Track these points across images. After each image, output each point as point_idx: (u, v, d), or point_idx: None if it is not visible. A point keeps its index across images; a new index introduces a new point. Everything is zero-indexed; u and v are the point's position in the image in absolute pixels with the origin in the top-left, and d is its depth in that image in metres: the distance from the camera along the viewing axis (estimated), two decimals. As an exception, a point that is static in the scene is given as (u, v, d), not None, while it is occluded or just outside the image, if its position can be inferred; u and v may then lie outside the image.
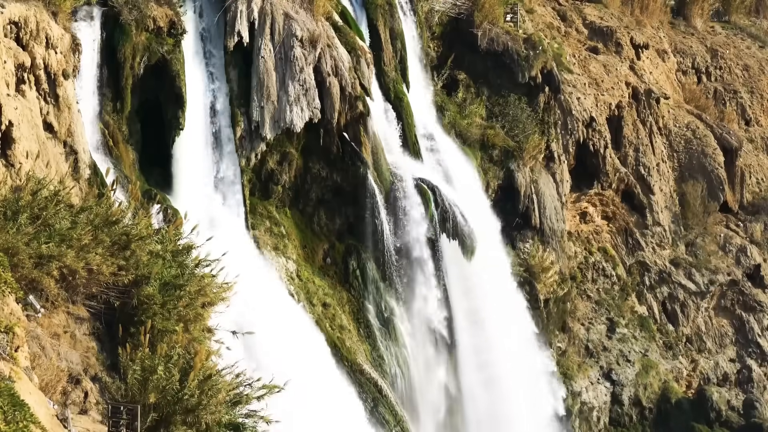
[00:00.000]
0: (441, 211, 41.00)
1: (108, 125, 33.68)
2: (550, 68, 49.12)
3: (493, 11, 48.71)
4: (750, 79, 64.81)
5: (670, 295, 54.03)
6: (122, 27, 33.83)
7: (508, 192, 46.84)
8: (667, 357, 52.19)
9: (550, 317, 48.01)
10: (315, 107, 37.81)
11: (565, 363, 48.44)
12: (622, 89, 54.26)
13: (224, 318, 23.78)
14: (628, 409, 50.01)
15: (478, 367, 41.94)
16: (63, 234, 21.08)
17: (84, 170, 30.20)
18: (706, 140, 57.52)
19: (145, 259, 22.22)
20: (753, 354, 54.76)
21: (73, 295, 21.58)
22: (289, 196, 39.24)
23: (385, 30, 43.22)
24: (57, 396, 19.07)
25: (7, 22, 27.77)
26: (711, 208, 56.73)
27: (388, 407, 37.58)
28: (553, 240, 48.18)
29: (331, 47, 38.78)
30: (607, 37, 57.42)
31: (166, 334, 21.14)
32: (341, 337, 37.91)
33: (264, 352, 29.71)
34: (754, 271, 56.57)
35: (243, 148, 37.14)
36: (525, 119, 47.93)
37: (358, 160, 39.19)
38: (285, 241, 38.37)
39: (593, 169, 52.29)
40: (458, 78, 48.75)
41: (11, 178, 25.40)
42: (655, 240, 54.42)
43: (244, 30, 36.85)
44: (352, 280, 39.71)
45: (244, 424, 20.80)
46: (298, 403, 27.32)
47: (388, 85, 42.86)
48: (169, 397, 19.56)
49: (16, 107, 26.87)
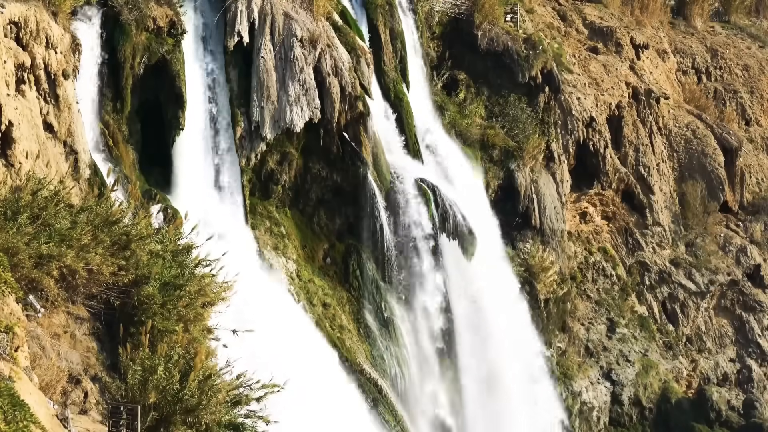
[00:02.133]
0: (441, 211, 41.00)
1: (108, 125, 33.67)
2: (550, 68, 49.12)
3: (493, 11, 48.71)
4: (750, 79, 64.80)
5: (670, 295, 54.02)
6: (122, 27, 33.83)
7: (508, 192, 46.84)
8: (667, 357, 52.19)
9: (550, 317, 48.00)
10: (315, 107, 37.81)
11: (565, 363, 48.44)
12: (622, 89, 54.27)
13: (224, 318, 23.77)
14: (628, 409, 50.00)
15: (478, 367, 41.94)
16: (63, 234, 21.07)
17: (84, 170, 30.20)
18: (706, 140, 57.52)
19: (145, 259, 22.21)
20: (753, 354, 54.76)
21: (73, 295, 21.57)
22: (289, 196, 39.24)
23: (385, 30, 43.23)
24: (57, 396, 19.07)
25: (7, 22, 27.76)
26: (711, 208, 56.73)
27: (388, 407, 37.58)
28: (553, 240, 48.19)
29: (331, 47, 38.79)
30: (607, 37, 57.42)
31: (166, 334, 21.13)
32: (341, 337, 37.91)
33: (263, 353, 29.67)
34: (754, 271, 56.57)
35: (243, 148, 37.14)
36: (525, 119, 47.93)
37: (358, 160, 39.20)
38: (285, 241, 38.37)
39: (593, 169, 52.28)
40: (458, 78, 48.75)
41: (11, 178, 25.39)
42: (655, 240, 54.43)
43: (244, 30, 36.85)
44: (352, 280, 39.71)
45: (244, 424, 20.80)
46: (298, 403, 27.32)
47: (388, 85, 42.87)
48: (169, 397, 19.56)
49: (16, 107, 26.87)
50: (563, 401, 47.02)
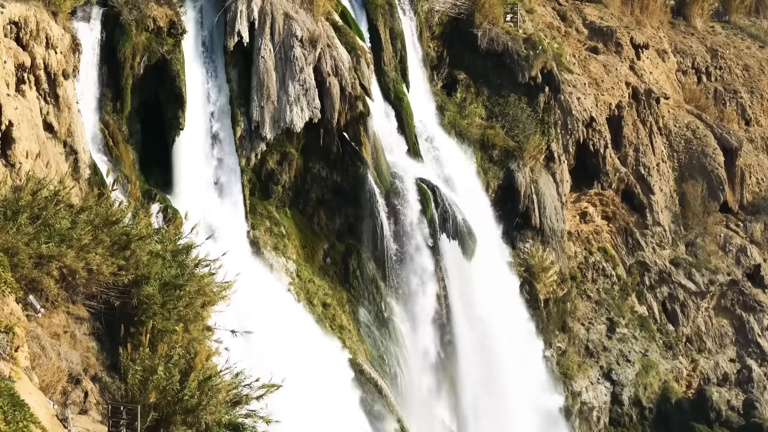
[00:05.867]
0: (441, 211, 41.00)
1: (108, 125, 33.68)
2: (550, 68, 49.12)
3: (493, 11, 48.70)
4: (750, 79, 64.79)
5: (670, 295, 54.02)
6: (122, 27, 33.83)
7: (508, 192, 46.83)
8: (667, 357, 52.19)
9: (550, 317, 48.00)
10: (315, 107, 37.82)
11: (565, 363, 48.44)
12: (622, 89, 54.26)
13: (224, 318, 23.78)
14: (628, 409, 50.01)
15: (478, 368, 41.95)
16: (63, 234, 21.06)
17: (84, 170, 30.21)
18: (706, 140, 57.52)
19: (145, 259, 22.20)
20: (753, 354, 54.76)
21: (73, 295, 21.57)
22: (289, 196, 39.24)
23: (385, 30, 43.24)
24: (57, 396, 19.07)
25: (7, 22, 27.77)
26: (711, 208, 56.72)
27: (388, 407, 37.58)
28: (553, 240, 48.18)
29: (331, 47, 38.80)
30: (607, 37, 57.41)
31: (166, 334, 21.12)
32: (341, 337, 37.91)
33: (263, 353, 29.69)
34: (754, 271, 56.56)
35: (243, 148, 37.15)
36: (525, 119, 47.92)
37: (358, 160, 39.21)
38: (285, 241, 38.37)
39: (593, 169, 52.28)
40: (458, 78, 48.75)
41: (11, 178, 25.41)
42: (655, 240, 54.42)
43: (244, 30, 36.86)
44: (352, 280, 39.71)
45: (244, 424, 20.80)
46: (298, 403, 27.33)
47: (388, 85, 42.87)
48: (169, 398, 19.55)
49: (16, 107, 26.88)
50: (564, 400, 47.01)
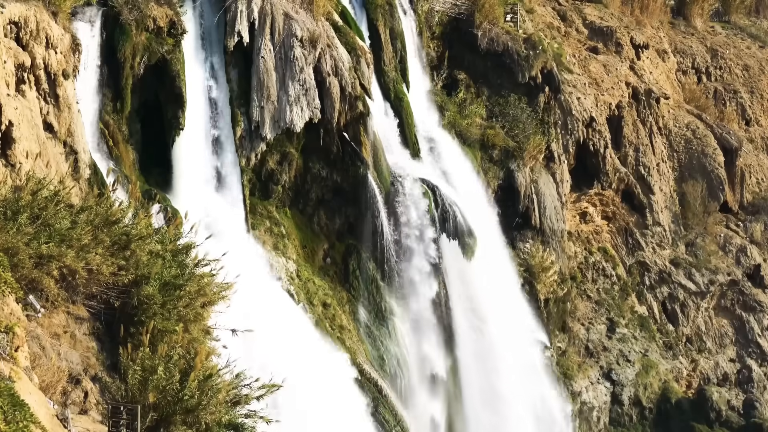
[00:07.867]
0: (441, 211, 41.01)
1: (108, 125, 33.68)
2: (550, 68, 49.11)
3: (493, 11, 48.71)
4: (750, 79, 64.80)
5: (670, 295, 54.02)
6: (122, 27, 33.82)
7: (508, 192, 46.83)
8: (667, 357, 52.18)
9: (550, 317, 48.00)
10: (315, 107, 37.82)
11: (565, 363, 48.43)
12: (622, 89, 54.26)
13: (224, 318, 23.78)
14: (628, 409, 50.00)
15: (478, 368, 41.94)
16: (63, 234, 21.07)
17: (84, 170, 30.21)
18: (706, 140, 57.52)
19: (145, 259, 22.21)
20: (753, 354, 54.75)
21: (73, 295, 21.57)
22: (289, 196, 39.24)
23: (385, 30, 43.24)
24: (57, 396, 19.07)
25: (7, 22, 27.77)
26: (711, 208, 56.73)
27: (388, 407, 37.58)
28: (553, 240, 48.18)
29: (331, 47, 38.80)
30: (607, 37, 57.41)
31: (166, 334, 21.13)
32: (341, 337, 37.91)
33: (263, 353, 29.70)
34: (754, 271, 56.56)
35: (243, 148, 37.15)
36: (525, 119, 47.92)
37: (358, 160, 39.21)
38: (285, 241, 38.37)
39: (593, 169, 52.28)
40: (458, 78, 48.76)
41: (11, 178, 25.41)
42: (655, 240, 54.42)
43: (244, 30, 36.86)
44: (352, 280, 39.72)
45: (244, 424, 20.80)
46: (298, 402, 27.34)
47: (388, 85, 42.88)
48: (169, 397, 19.55)
49: (16, 107, 26.88)
50: (564, 400, 47.00)
